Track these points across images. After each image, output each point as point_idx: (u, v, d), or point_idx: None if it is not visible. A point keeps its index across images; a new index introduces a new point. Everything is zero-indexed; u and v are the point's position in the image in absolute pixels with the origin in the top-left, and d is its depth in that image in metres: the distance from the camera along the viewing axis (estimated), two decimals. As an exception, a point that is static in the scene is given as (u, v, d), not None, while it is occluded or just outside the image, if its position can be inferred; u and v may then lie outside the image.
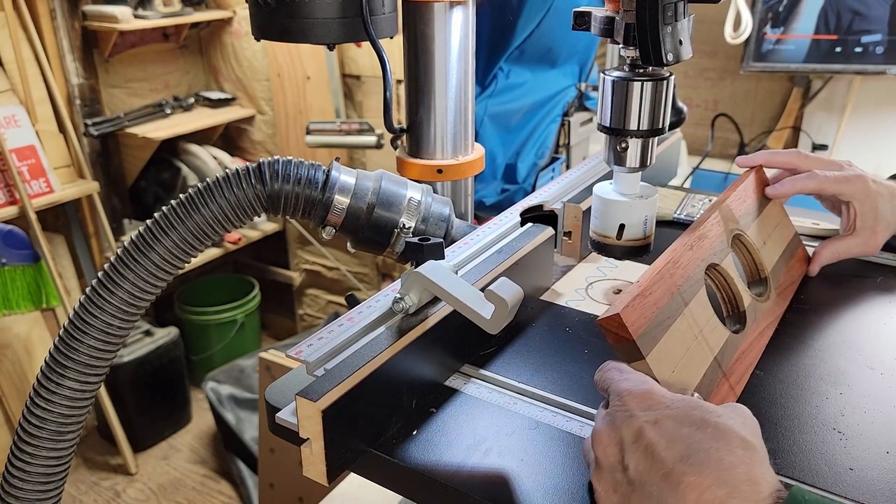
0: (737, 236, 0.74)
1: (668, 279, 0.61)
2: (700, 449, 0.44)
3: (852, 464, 0.55)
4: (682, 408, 0.48)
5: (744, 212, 0.78)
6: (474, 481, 0.54)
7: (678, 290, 0.61)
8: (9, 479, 0.62)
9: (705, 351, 0.60)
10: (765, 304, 0.72)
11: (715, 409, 0.48)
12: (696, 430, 0.46)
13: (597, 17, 0.69)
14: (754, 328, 0.68)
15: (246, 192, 0.67)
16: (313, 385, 0.54)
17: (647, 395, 0.50)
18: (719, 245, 0.70)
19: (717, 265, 0.69)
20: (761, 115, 2.46)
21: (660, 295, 0.58)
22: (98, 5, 2.31)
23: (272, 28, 0.81)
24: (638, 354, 0.55)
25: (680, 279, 0.62)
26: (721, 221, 0.72)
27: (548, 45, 1.83)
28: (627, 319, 0.54)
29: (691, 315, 0.61)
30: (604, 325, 0.55)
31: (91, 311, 0.62)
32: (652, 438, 0.46)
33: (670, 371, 0.56)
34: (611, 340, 0.55)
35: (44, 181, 2.18)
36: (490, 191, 1.84)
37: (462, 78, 0.89)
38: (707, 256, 0.67)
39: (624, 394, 0.51)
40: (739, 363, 0.63)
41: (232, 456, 2.26)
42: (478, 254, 0.76)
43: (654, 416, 0.48)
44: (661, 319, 0.57)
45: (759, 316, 0.70)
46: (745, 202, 0.79)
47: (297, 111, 2.61)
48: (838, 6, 2.06)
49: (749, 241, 0.76)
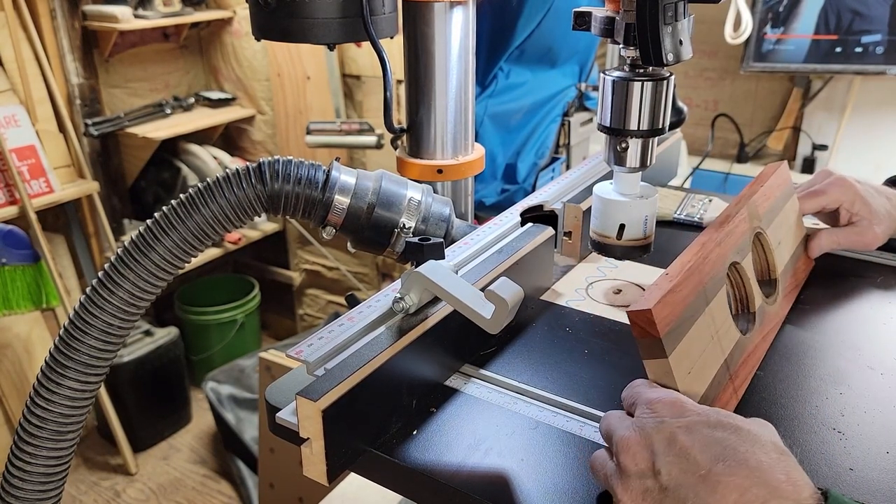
0: (758, 234, 0.73)
1: (697, 275, 0.58)
2: (737, 451, 0.44)
3: (852, 464, 0.55)
4: (712, 414, 0.48)
5: (767, 209, 0.76)
6: (474, 481, 0.54)
7: (704, 287, 0.59)
8: (9, 478, 0.62)
9: (718, 352, 0.59)
10: (772, 307, 0.72)
11: (744, 419, 0.48)
12: (731, 433, 0.46)
13: (597, 17, 0.69)
14: (760, 330, 0.67)
15: (246, 192, 0.67)
16: (313, 385, 0.54)
17: (677, 403, 0.49)
18: (744, 242, 0.69)
19: (738, 263, 0.67)
20: (761, 116, 2.46)
21: (688, 291, 0.57)
22: (98, 5, 2.31)
23: (272, 28, 0.81)
24: (661, 352, 0.53)
25: (707, 276, 0.60)
26: (748, 218, 0.70)
27: (548, 45, 1.83)
28: (658, 315, 0.52)
29: (711, 315, 0.59)
30: (633, 318, 0.53)
31: (91, 311, 0.62)
32: (685, 442, 0.46)
33: (687, 372, 0.55)
34: (635, 333, 0.53)
35: (44, 181, 2.18)
36: (490, 191, 1.84)
37: (462, 78, 0.89)
38: (731, 254, 0.66)
39: (654, 402, 0.50)
40: (744, 366, 0.62)
41: (232, 456, 2.26)
42: (478, 254, 0.76)
43: (685, 421, 0.47)
44: (685, 317, 0.56)
45: (765, 318, 0.69)
46: (769, 199, 0.77)
47: (297, 111, 2.61)
48: (838, 6, 2.06)
49: (767, 241, 0.74)
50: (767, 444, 0.45)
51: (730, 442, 0.45)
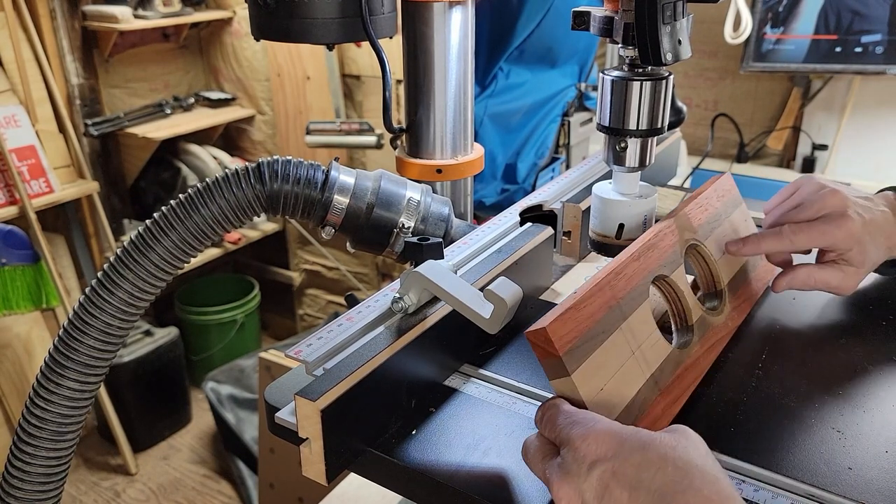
0: (692, 246, 0.71)
1: (608, 291, 0.57)
2: (665, 494, 0.43)
3: (851, 463, 0.55)
4: (636, 448, 0.45)
5: (705, 220, 0.73)
6: (473, 481, 0.54)
7: (618, 302, 0.58)
8: (8, 478, 0.62)
9: (642, 367, 0.57)
10: (717, 318, 0.69)
11: (667, 441, 0.46)
12: (657, 472, 0.44)
13: (596, 16, 0.69)
14: (702, 344, 0.65)
15: (245, 192, 0.67)
16: (312, 385, 0.54)
17: (600, 436, 0.46)
18: (671, 256, 0.66)
19: (665, 276, 0.65)
20: (761, 115, 2.46)
21: (596, 308, 0.55)
22: (98, 5, 2.31)
23: (272, 28, 0.81)
24: (564, 371, 0.52)
25: (621, 291, 0.58)
26: (676, 231, 0.69)
27: (548, 45, 1.83)
28: (555, 334, 0.51)
29: (630, 329, 0.57)
30: (531, 340, 0.52)
31: (91, 311, 0.62)
32: (614, 493, 0.44)
33: (599, 388, 0.53)
34: (538, 354, 0.52)
35: (44, 181, 2.19)
36: (490, 191, 1.84)
37: (462, 78, 0.89)
38: (655, 268, 0.64)
39: (575, 440, 0.47)
40: (680, 380, 0.59)
41: (232, 456, 2.26)
42: (477, 253, 0.76)
43: (611, 466, 0.45)
44: (594, 333, 0.54)
45: (710, 331, 0.66)
46: (707, 211, 0.75)
47: (297, 111, 2.61)
48: (838, 6, 2.06)
49: (706, 252, 0.72)
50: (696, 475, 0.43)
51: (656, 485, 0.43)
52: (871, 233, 0.73)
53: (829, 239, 0.72)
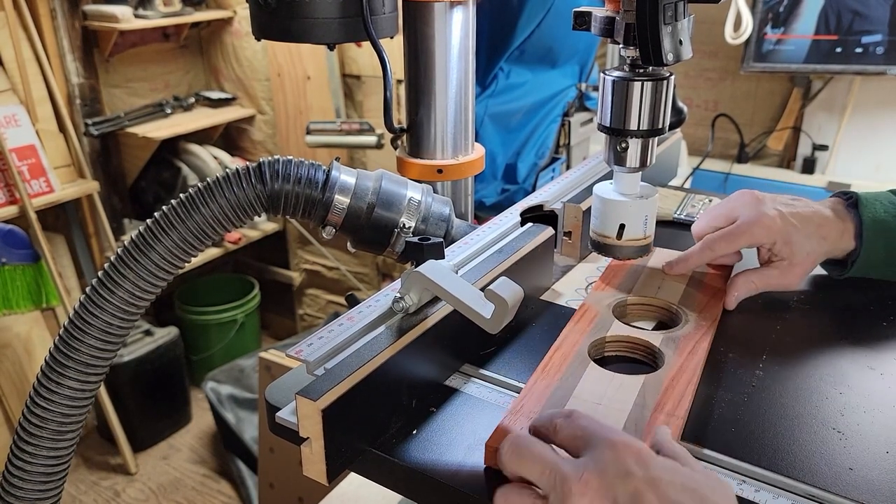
0: (618, 304, 0.75)
1: (545, 379, 0.62)
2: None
3: (852, 463, 0.55)
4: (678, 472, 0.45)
5: (620, 281, 0.80)
6: (474, 481, 0.54)
7: (558, 382, 0.62)
8: (9, 478, 0.62)
9: (615, 409, 0.59)
10: (684, 329, 0.71)
11: (705, 482, 0.45)
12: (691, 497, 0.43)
13: (597, 17, 0.69)
14: (679, 352, 0.66)
15: (246, 191, 0.67)
16: (313, 384, 0.54)
17: (643, 453, 0.46)
18: (599, 320, 0.71)
19: (603, 337, 0.69)
20: (761, 116, 2.46)
21: (534, 402, 0.59)
22: (98, 5, 2.31)
23: (272, 28, 0.81)
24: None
25: (556, 375, 0.63)
26: (595, 305, 0.74)
27: (548, 45, 1.83)
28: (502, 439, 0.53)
29: (582, 395, 0.60)
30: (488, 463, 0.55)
31: (91, 310, 0.62)
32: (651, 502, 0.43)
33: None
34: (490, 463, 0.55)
35: (44, 181, 2.19)
36: (490, 191, 1.84)
37: (462, 78, 0.89)
38: (589, 334, 0.69)
39: (618, 445, 0.46)
40: (670, 390, 0.61)
41: (232, 456, 2.26)
42: (478, 253, 0.76)
43: (651, 475, 0.44)
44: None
45: (681, 341, 0.68)
46: (618, 276, 0.81)
47: (297, 111, 2.61)
48: (838, 6, 2.06)
49: (638, 300, 0.76)
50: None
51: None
52: (795, 225, 0.76)
53: (748, 238, 0.76)
